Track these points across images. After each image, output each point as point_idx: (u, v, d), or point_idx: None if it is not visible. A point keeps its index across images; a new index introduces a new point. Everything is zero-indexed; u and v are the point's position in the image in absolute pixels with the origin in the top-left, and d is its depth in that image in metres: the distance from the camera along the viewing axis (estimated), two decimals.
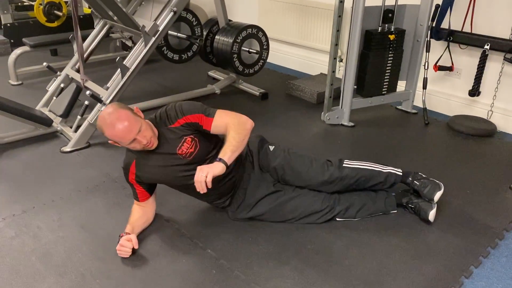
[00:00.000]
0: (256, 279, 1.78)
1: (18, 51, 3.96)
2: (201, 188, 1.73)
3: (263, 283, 1.76)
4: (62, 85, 3.30)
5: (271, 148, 2.13)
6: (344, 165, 2.10)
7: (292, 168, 2.07)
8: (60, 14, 4.98)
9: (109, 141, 1.83)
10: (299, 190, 2.10)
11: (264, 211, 2.07)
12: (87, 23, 4.65)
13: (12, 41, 4.87)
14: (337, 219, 2.13)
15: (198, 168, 1.75)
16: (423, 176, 2.19)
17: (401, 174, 2.17)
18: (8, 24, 4.90)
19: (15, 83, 4.00)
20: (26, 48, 4.01)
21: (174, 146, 1.88)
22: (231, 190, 2.06)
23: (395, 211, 2.19)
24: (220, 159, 1.76)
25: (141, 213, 2.05)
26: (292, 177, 2.09)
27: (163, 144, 1.88)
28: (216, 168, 1.73)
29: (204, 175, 1.71)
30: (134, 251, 1.89)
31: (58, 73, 3.40)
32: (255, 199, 2.07)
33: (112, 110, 1.78)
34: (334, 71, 3.16)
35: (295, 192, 2.09)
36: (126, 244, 1.86)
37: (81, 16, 5.00)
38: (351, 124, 3.24)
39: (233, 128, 1.84)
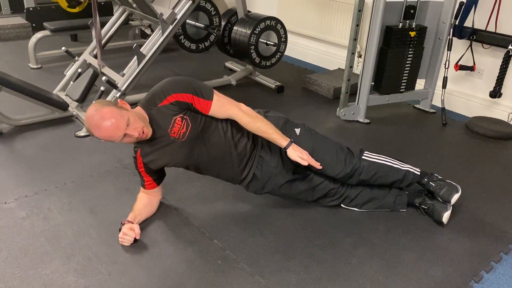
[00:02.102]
0: (261, 271, 1.77)
1: (38, 35, 4.00)
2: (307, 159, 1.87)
3: (267, 276, 1.75)
4: (79, 70, 3.32)
5: (297, 131, 2.03)
6: (363, 157, 2.06)
7: (317, 160, 1.95)
8: (82, 0, 5.02)
9: (102, 140, 1.76)
10: (317, 178, 2.07)
11: (280, 194, 2.11)
12: (107, 10, 4.68)
13: (33, 25, 4.94)
14: (342, 205, 2.14)
15: (300, 153, 1.86)
16: (439, 177, 2.14)
17: (419, 173, 2.13)
18: (31, 8, 4.97)
19: (35, 66, 4.05)
20: (46, 33, 4.05)
21: (166, 128, 1.82)
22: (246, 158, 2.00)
23: (404, 210, 2.16)
24: (290, 141, 1.86)
25: (147, 201, 2.05)
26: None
27: (156, 129, 1.83)
28: (297, 147, 1.88)
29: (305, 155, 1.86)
30: (136, 239, 1.90)
31: (76, 58, 3.43)
32: (272, 187, 2.06)
33: (95, 110, 1.70)
34: (351, 67, 3.12)
35: (313, 181, 2.07)
36: (129, 233, 1.87)
37: (102, 3, 5.03)
38: (367, 121, 3.19)
39: (256, 120, 1.86)
